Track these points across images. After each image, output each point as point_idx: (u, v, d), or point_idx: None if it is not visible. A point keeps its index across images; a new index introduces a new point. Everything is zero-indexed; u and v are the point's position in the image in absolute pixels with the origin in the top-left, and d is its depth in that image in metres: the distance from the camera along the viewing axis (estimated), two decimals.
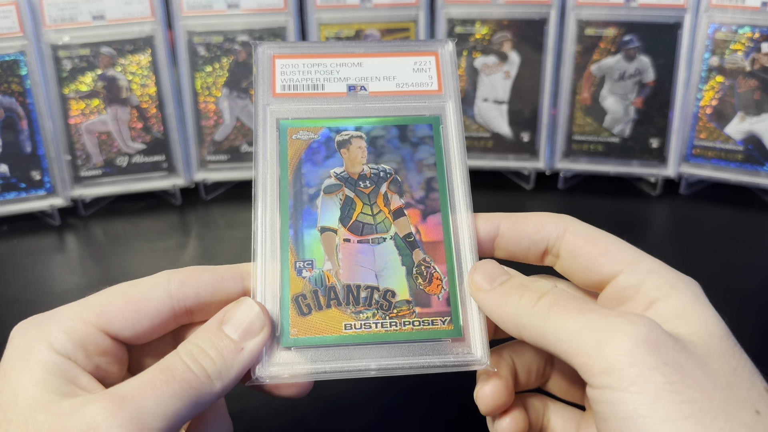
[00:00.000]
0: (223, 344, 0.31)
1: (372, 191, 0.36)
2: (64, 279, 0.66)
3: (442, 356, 0.33)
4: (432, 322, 0.34)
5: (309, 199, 0.35)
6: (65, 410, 0.28)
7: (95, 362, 0.31)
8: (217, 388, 0.30)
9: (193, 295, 0.33)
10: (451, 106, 0.38)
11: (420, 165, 0.37)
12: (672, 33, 0.73)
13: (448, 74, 0.39)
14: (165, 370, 0.29)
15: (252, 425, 0.47)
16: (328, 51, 0.39)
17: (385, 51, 0.39)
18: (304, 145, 0.37)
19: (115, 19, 0.72)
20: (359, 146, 0.37)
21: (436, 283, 0.34)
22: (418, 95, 0.38)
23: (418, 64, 0.39)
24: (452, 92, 0.39)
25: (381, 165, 0.37)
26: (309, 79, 0.38)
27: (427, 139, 0.37)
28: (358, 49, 0.39)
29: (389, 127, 0.38)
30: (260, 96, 0.37)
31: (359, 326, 0.33)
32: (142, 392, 0.28)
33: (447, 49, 0.40)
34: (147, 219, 0.74)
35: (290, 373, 0.32)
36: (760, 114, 0.72)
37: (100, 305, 0.32)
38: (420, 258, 0.35)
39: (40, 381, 0.29)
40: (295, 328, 0.33)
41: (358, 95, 0.38)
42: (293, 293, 0.33)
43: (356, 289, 0.34)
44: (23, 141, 0.71)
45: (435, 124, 0.38)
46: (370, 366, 0.33)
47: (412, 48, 0.40)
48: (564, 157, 0.77)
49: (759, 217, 0.73)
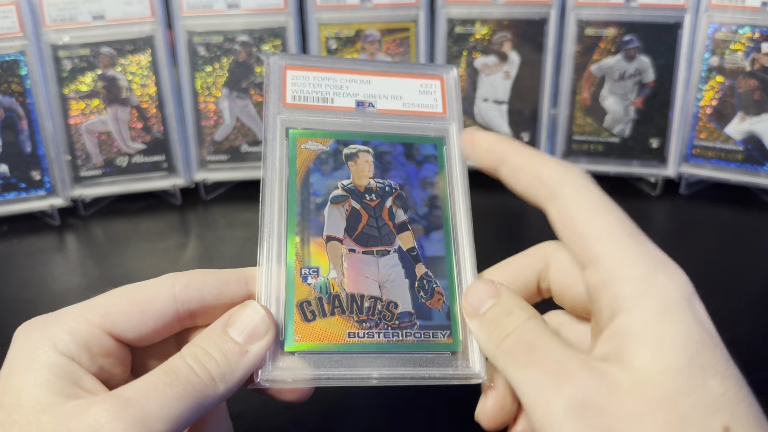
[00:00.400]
0: (227, 347, 0.31)
1: (377, 204, 0.37)
2: (64, 279, 0.66)
3: (441, 369, 0.33)
4: (433, 335, 0.34)
5: (316, 208, 0.36)
6: (69, 412, 0.28)
7: (99, 363, 0.31)
8: (220, 391, 0.30)
9: (197, 297, 0.33)
10: (454, 129, 0.39)
11: (424, 182, 0.38)
12: (672, 33, 0.73)
13: (453, 98, 0.40)
14: (169, 372, 0.29)
15: (252, 425, 0.47)
16: (337, 66, 0.40)
17: (393, 71, 0.40)
18: (312, 155, 0.37)
19: (115, 19, 0.72)
20: (366, 160, 0.38)
21: (437, 297, 0.35)
22: (423, 116, 0.40)
23: (424, 86, 0.40)
24: (455, 115, 0.40)
25: (387, 180, 0.37)
26: (319, 92, 0.39)
27: (431, 158, 0.39)
28: (366, 66, 0.40)
29: (395, 144, 0.39)
30: (271, 105, 0.38)
31: (362, 335, 0.33)
32: (145, 395, 0.28)
33: (452, 75, 0.41)
34: (147, 219, 0.74)
35: (293, 379, 0.32)
36: (760, 114, 0.72)
37: (104, 306, 0.32)
38: (422, 272, 0.35)
39: (44, 382, 0.29)
40: (298, 334, 0.33)
41: (366, 111, 0.39)
42: (298, 299, 0.34)
43: (360, 298, 0.34)
44: (23, 141, 0.71)
45: (439, 144, 0.39)
46: (372, 375, 0.33)
47: (418, 71, 0.41)
48: (564, 157, 0.77)
49: (759, 217, 0.73)
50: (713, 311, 0.29)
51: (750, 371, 0.33)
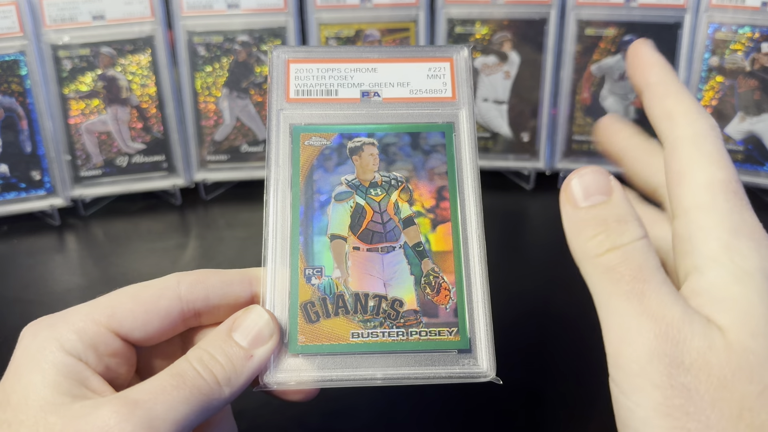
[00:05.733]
0: (232, 351, 0.31)
1: (383, 199, 0.36)
2: (65, 279, 0.66)
3: (448, 367, 0.33)
4: (439, 332, 0.34)
5: (320, 205, 0.36)
6: (76, 413, 0.28)
7: (105, 363, 0.31)
8: (226, 395, 0.30)
9: (202, 297, 0.33)
10: (464, 114, 0.38)
11: (431, 173, 0.37)
12: (672, 33, 0.73)
13: (463, 81, 0.38)
14: (176, 375, 0.29)
15: (253, 424, 0.47)
16: (342, 56, 0.39)
17: (400, 56, 0.39)
18: (316, 152, 0.37)
19: (115, 19, 0.71)
20: (371, 153, 0.37)
21: (444, 294, 0.34)
22: (431, 102, 0.38)
23: (432, 70, 0.39)
24: (466, 100, 0.38)
25: (392, 173, 0.37)
26: (323, 85, 0.38)
27: (440, 147, 0.37)
28: (372, 54, 0.39)
29: (401, 134, 0.37)
30: (274, 101, 0.37)
31: (366, 335, 0.33)
32: (153, 397, 0.28)
33: (462, 55, 0.39)
34: (147, 219, 0.74)
35: (297, 380, 0.32)
36: (760, 114, 0.72)
37: (110, 306, 0.32)
38: (429, 268, 0.35)
39: (52, 382, 0.29)
40: (302, 336, 0.33)
41: (372, 101, 0.38)
42: (302, 300, 0.34)
43: (364, 297, 0.34)
44: (23, 141, 0.71)
45: (448, 131, 0.38)
46: (377, 375, 0.33)
47: (427, 54, 0.39)
48: (564, 157, 0.77)
49: (759, 217, 0.73)
50: None
51: None
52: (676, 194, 0.29)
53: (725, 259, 0.27)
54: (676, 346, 0.26)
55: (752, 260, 0.27)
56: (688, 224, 0.28)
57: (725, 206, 0.28)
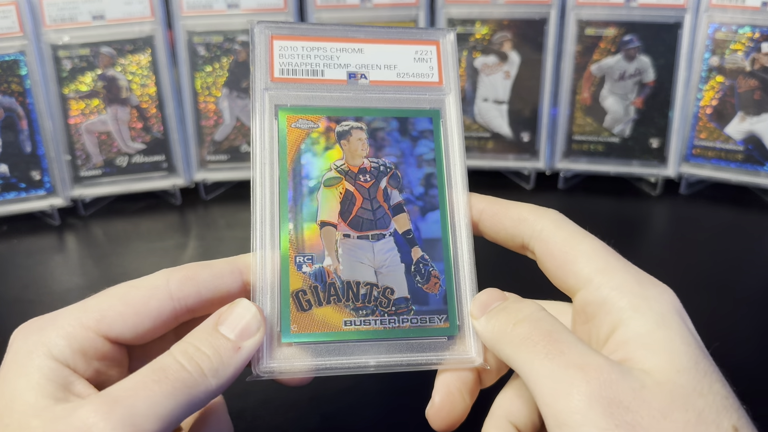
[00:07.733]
0: (219, 343, 0.30)
1: (372, 185, 0.36)
2: (64, 279, 0.66)
3: (438, 354, 0.33)
4: (429, 320, 0.34)
5: (309, 191, 0.35)
6: (57, 414, 0.28)
7: (95, 367, 0.31)
8: (213, 386, 0.30)
9: (193, 293, 0.33)
10: (451, 100, 0.37)
11: (420, 160, 0.36)
12: (672, 33, 0.73)
13: (449, 66, 0.38)
14: (157, 370, 0.29)
15: (252, 425, 0.47)
16: (328, 34, 0.37)
17: (387, 38, 0.38)
18: (303, 134, 0.36)
19: (115, 19, 0.72)
20: (359, 138, 0.36)
21: (433, 281, 0.34)
22: (418, 86, 0.38)
23: (419, 53, 0.38)
24: (453, 85, 0.38)
25: (381, 159, 0.36)
26: (308, 64, 0.37)
27: (427, 133, 0.37)
28: (359, 34, 0.38)
29: (390, 119, 0.37)
30: (258, 79, 0.36)
31: (358, 323, 0.33)
32: (134, 393, 0.28)
33: (449, 39, 0.38)
34: (147, 219, 0.74)
35: (290, 369, 0.32)
36: (760, 114, 0.72)
37: (100, 310, 0.31)
38: (418, 255, 0.35)
39: (36, 386, 0.29)
40: (295, 324, 0.33)
41: (359, 84, 0.37)
42: (293, 289, 0.33)
43: (356, 285, 0.34)
44: (23, 141, 0.71)
45: (435, 117, 0.37)
46: (369, 362, 0.33)
47: (413, 36, 0.38)
48: (564, 157, 0.77)
49: (759, 217, 0.73)
50: (713, 310, 0.30)
51: (749, 370, 0.33)
52: (572, 270, 0.32)
53: (645, 309, 0.30)
54: (610, 388, 0.27)
55: (665, 304, 0.30)
56: (598, 289, 0.31)
57: (619, 265, 0.32)
